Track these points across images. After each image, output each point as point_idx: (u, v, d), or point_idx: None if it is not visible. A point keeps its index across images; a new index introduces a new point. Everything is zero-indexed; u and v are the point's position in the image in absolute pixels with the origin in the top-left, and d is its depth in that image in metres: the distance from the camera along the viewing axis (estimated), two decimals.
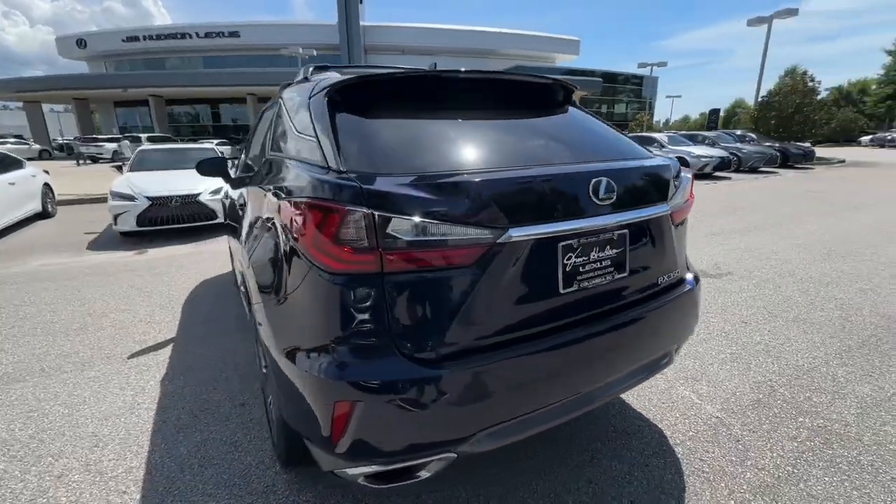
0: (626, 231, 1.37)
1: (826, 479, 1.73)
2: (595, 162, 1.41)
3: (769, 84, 25.15)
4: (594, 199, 1.28)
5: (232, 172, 2.70)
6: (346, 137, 1.30)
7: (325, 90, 1.48)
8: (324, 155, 1.26)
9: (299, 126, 1.53)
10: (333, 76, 1.74)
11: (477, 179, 1.17)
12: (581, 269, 1.29)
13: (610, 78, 41.47)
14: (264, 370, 1.81)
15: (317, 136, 1.34)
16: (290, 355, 1.22)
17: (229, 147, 19.17)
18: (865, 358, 2.69)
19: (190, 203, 6.46)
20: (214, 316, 3.54)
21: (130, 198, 6.26)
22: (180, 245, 5.99)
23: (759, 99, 20.29)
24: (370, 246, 1.08)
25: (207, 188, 6.58)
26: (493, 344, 1.19)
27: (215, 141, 23.89)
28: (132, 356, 2.89)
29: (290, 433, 1.51)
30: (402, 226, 1.08)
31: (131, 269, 4.86)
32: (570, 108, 1.78)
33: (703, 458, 1.86)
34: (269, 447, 1.96)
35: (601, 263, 1.33)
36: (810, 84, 18.43)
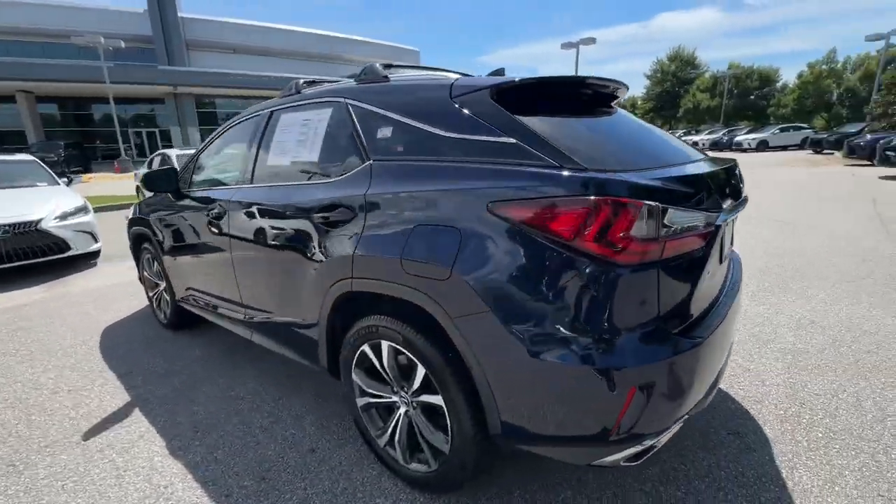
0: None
1: None
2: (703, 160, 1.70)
3: None
4: (736, 187, 1.58)
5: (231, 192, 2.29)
6: (550, 136, 1.32)
7: (485, 91, 1.44)
8: (544, 154, 1.26)
9: (456, 128, 1.46)
10: (446, 77, 1.69)
11: (701, 172, 1.35)
12: (724, 246, 1.58)
13: None
14: (402, 405, 1.65)
15: (518, 136, 1.32)
16: (555, 358, 1.20)
17: None
18: None
19: (27, 234, 4.86)
20: (167, 367, 2.84)
21: None
22: (24, 290, 4.49)
23: None
24: (655, 237, 1.16)
25: (52, 212, 5.06)
26: (704, 314, 1.39)
27: None
28: (86, 437, 2.16)
29: (481, 451, 1.44)
30: (674, 215, 1.19)
31: None
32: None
33: None
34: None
35: (728, 240, 1.64)
36: None
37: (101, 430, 2.21)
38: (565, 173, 1.19)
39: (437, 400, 1.49)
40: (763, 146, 27.63)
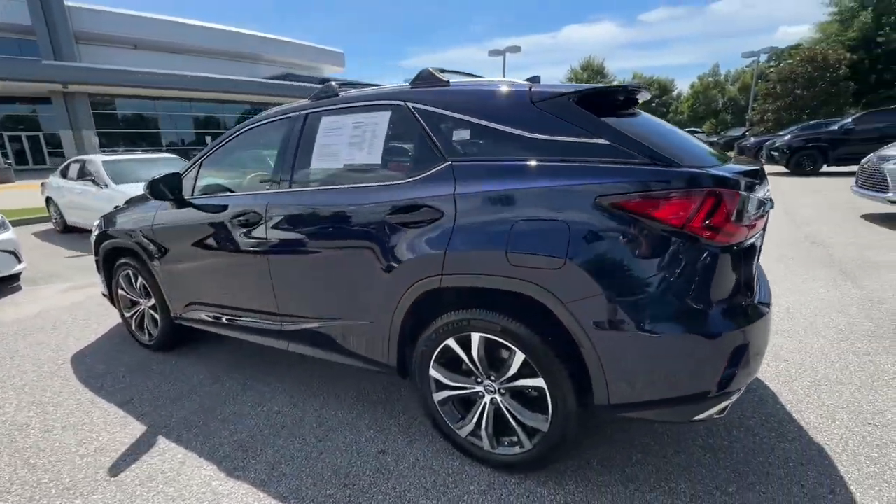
0: None
1: None
2: None
3: None
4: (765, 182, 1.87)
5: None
6: (635, 136, 1.50)
7: (568, 97, 1.59)
8: (637, 152, 1.43)
9: (541, 130, 1.58)
10: (512, 82, 1.81)
11: (753, 167, 1.60)
12: None
13: None
14: (498, 386, 1.73)
15: (609, 137, 1.48)
16: (664, 329, 1.38)
17: None
18: None
19: None
20: (175, 391, 2.62)
21: None
22: None
23: None
24: (741, 221, 1.38)
25: None
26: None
27: None
28: (114, 472, 1.95)
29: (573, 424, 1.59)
30: (751, 203, 1.43)
31: None
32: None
33: None
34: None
35: None
36: None
37: (128, 463, 2.00)
38: (674, 169, 1.38)
39: (536, 382, 1.61)
40: None
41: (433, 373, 1.84)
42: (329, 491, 1.77)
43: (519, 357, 1.61)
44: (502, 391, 1.73)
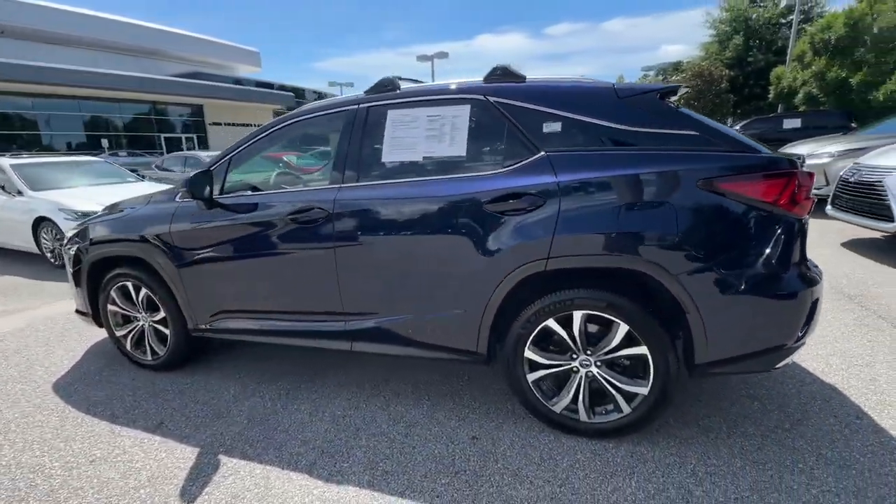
0: None
1: None
2: None
3: None
4: None
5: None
6: (718, 128, 1.75)
7: (653, 93, 1.79)
8: (723, 142, 1.68)
9: (632, 123, 1.76)
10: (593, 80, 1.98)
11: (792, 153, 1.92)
12: None
13: (299, 94, 42.58)
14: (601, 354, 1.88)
15: (698, 129, 1.71)
16: (760, 290, 1.63)
17: None
18: None
19: None
20: (211, 410, 2.40)
21: None
22: None
23: None
24: (809, 197, 1.67)
25: None
26: None
27: None
28: (188, 498, 1.76)
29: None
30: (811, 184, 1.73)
31: None
32: None
33: None
34: None
35: None
36: None
37: (200, 486, 1.81)
38: (760, 155, 1.64)
39: (638, 350, 1.77)
40: None
41: (528, 354, 1.93)
42: (444, 480, 1.78)
43: (622, 329, 1.77)
44: (598, 363, 1.87)
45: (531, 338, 1.90)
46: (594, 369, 1.88)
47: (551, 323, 1.86)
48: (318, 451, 1.99)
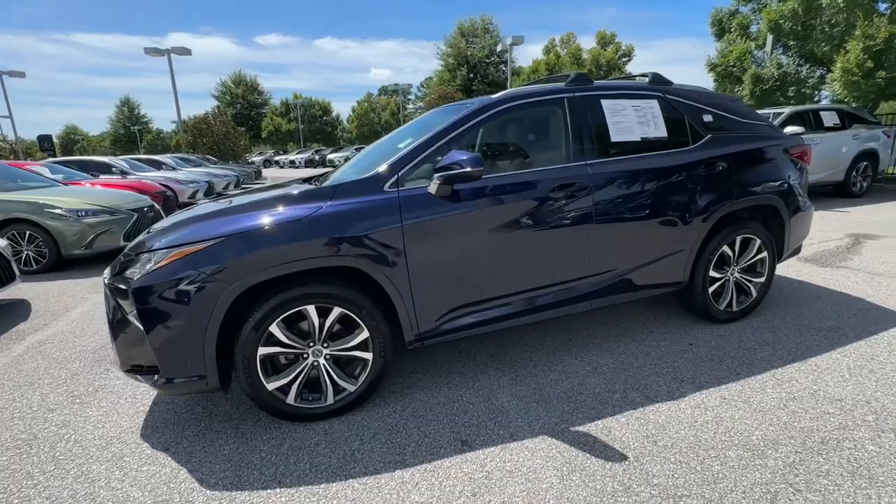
0: None
1: None
2: None
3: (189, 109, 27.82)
4: None
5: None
6: (766, 119, 3.06)
7: (738, 99, 2.96)
8: (775, 129, 3.01)
9: (743, 116, 2.88)
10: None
11: None
12: None
13: None
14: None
15: (766, 121, 2.97)
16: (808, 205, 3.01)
17: None
18: None
19: None
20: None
21: None
22: None
23: (187, 122, 22.70)
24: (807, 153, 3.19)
25: None
26: None
27: None
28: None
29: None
30: None
31: None
32: None
33: None
34: None
35: None
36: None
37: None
38: (794, 135, 3.02)
39: (762, 255, 2.92)
40: None
41: (712, 273, 2.81)
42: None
43: (761, 249, 2.88)
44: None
45: (713, 261, 2.79)
46: (737, 274, 2.92)
47: (725, 248, 2.80)
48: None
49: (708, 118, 2.80)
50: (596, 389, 2.31)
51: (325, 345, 2.10)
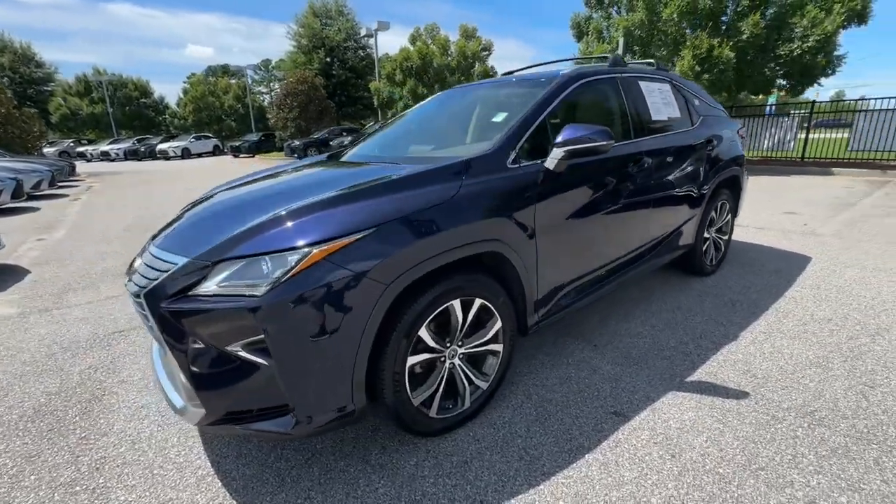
0: None
1: None
2: None
3: None
4: None
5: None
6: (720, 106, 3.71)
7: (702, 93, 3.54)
8: (727, 115, 3.68)
9: (710, 102, 3.45)
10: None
11: None
12: None
13: None
14: None
15: (721, 107, 3.61)
16: None
17: None
18: None
19: None
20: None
21: None
22: None
23: None
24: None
25: None
26: None
27: None
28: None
29: None
30: None
31: None
32: None
33: None
34: None
35: None
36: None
37: None
38: (733, 122, 3.73)
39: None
40: (187, 153, 29.67)
41: (705, 234, 3.34)
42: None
43: (730, 212, 3.53)
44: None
45: (707, 222, 3.33)
46: (714, 234, 3.54)
47: (713, 213, 3.36)
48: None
49: (697, 102, 3.28)
50: (670, 343, 2.56)
51: (460, 343, 1.87)
